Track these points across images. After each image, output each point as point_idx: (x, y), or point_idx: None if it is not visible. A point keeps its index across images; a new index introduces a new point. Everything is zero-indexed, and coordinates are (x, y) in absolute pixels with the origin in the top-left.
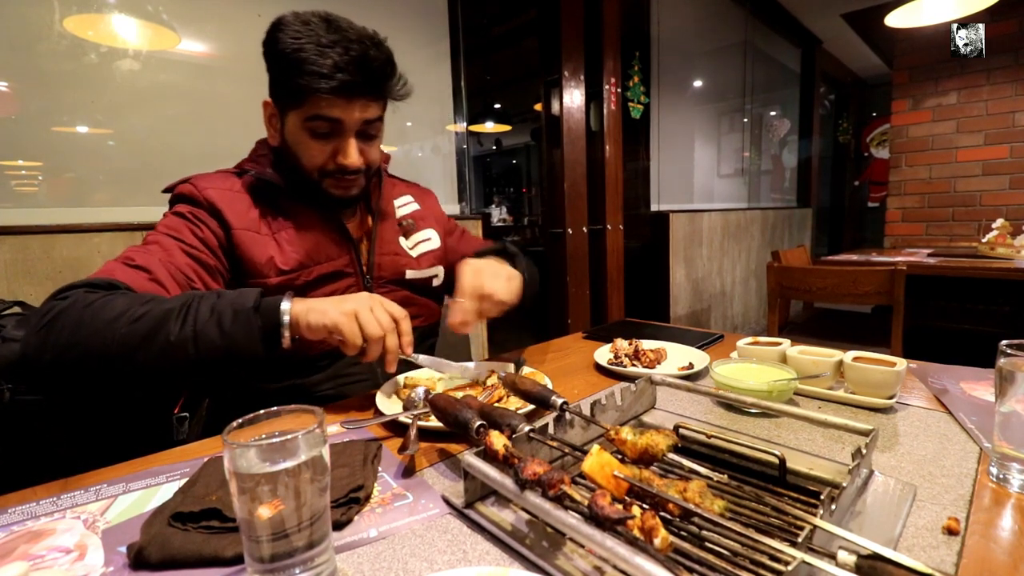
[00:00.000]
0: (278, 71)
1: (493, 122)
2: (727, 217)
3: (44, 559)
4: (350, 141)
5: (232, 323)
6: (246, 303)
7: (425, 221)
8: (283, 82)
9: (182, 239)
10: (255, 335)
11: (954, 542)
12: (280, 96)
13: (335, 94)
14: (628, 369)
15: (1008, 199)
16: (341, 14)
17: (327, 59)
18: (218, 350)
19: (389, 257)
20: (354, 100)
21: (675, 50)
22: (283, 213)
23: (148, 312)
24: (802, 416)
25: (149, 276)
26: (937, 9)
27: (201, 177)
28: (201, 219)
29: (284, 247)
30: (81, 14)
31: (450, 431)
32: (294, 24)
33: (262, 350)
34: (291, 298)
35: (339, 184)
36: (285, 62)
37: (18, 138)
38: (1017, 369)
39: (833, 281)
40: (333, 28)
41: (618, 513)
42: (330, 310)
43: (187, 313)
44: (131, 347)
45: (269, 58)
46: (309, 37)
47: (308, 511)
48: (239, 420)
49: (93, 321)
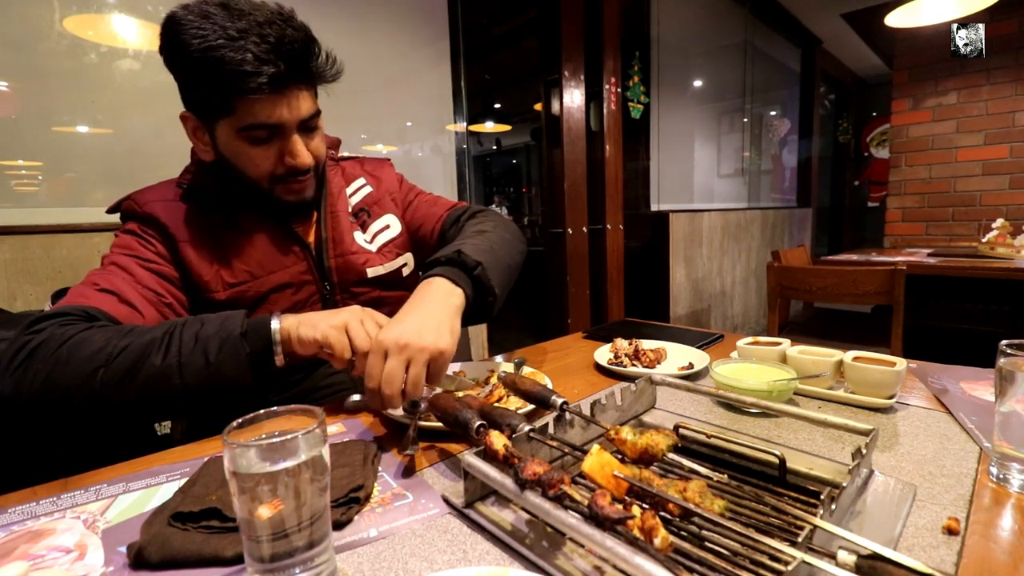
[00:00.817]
0: (191, 78)
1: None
2: (727, 217)
3: (44, 559)
4: (295, 139)
5: (219, 352)
6: (233, 329)
7: (381, 205)
8: (201, 90)
9: (138, 256)
10: (243, 363)
11: (954, 542)
12: (201, 106)
13: (268, 90)
14: (628, 369)
15: (1008, 199)
16: (340, 14)
17: (245, 53)
18: (205, 380)
19: (346, 258)
20: (286, 92)
21: (675, 50)
22: (228, 223)
23: (129, 345)
24: (802, 416)
25: (119, 298)
26: (937, 9)
27: (143, 191)
28: (149, 234)
29: (230, 259)
30: (81, 14)
31: (450, 431)
32: (192, 20)
33: (250, 377)
34: (279, 315)
35: (291, 189)
36: (197, 67)
37: (18, 138)
38: (1017, 369)
39: (833, 281)
40: (236, 14)
41: (618, 513)
42: (320, 323)
43: (170, 343)
44: (113, 384)
45: (174, 65)
46: (214, 31)
47: (308, 511)
48: (239, 420)
49: (70, 360)
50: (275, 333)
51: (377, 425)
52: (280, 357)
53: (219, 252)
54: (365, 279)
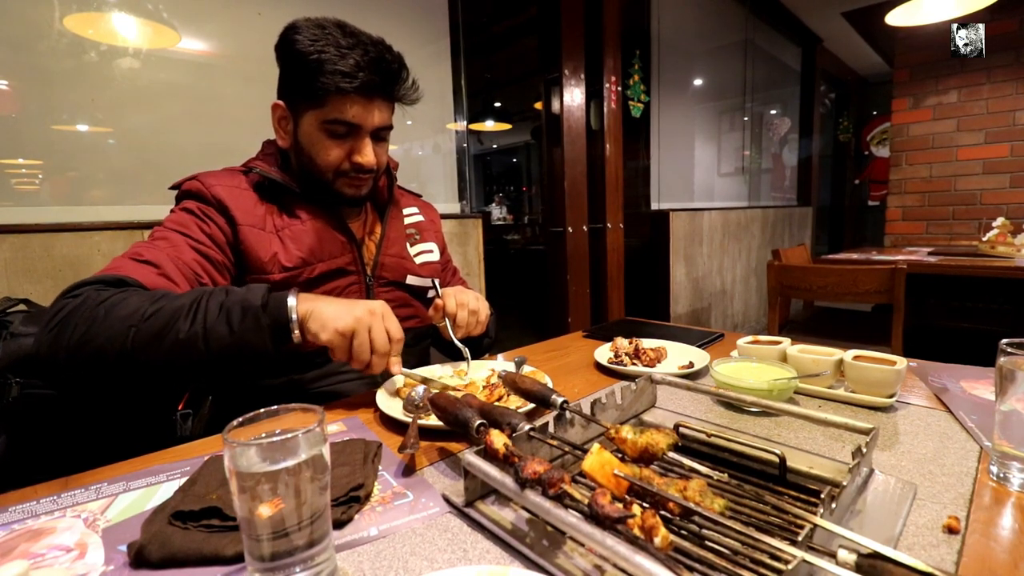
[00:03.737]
0: (295, 72)
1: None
2: (727, 216)
3: (44, 558)
4: (366, 141)
5: (241, 321)
6: (254, 301)
7: (428, 234)
8: (301, 83)
9: (189, 235)
10: (264, 333)
11: (954, 541)
12: (296, 97)
13: (358, 93)
14: (628, 368)
15: (1008, 198)
16: (343, 12)
17: (349, 60)
18: (228, 348)
19: (395, 259)
20: (373, 101)
21: (675, 48)
22: (287, 211)
23: (160, 310)
24: (802, 415)
25: (158, 271)
26: (937, 8)
27: (208, 174)
28: (208, 215)
29: (288, 244)
30: (81, 12)
31: (450, 430)
32: (310, 28)
33: (271, 346)
34: (296, 295)
35: (352, 183)
36: (304, 63)
37: (18, 136)
38: (1017, 368)
39: (833, 280)
40: (348, 33)
41: (618, 512)
42: (328, 324)
43: (196, 311)
44: (143, 344)
45: (284, 60)
46: (327, 40)
47: (308, 510)
48: (239, 419)
49: (106, 319)
50: (291, 311)
51: (377, 424)
52: (297, 335)
53: (277, 237)
54: (403, 283)
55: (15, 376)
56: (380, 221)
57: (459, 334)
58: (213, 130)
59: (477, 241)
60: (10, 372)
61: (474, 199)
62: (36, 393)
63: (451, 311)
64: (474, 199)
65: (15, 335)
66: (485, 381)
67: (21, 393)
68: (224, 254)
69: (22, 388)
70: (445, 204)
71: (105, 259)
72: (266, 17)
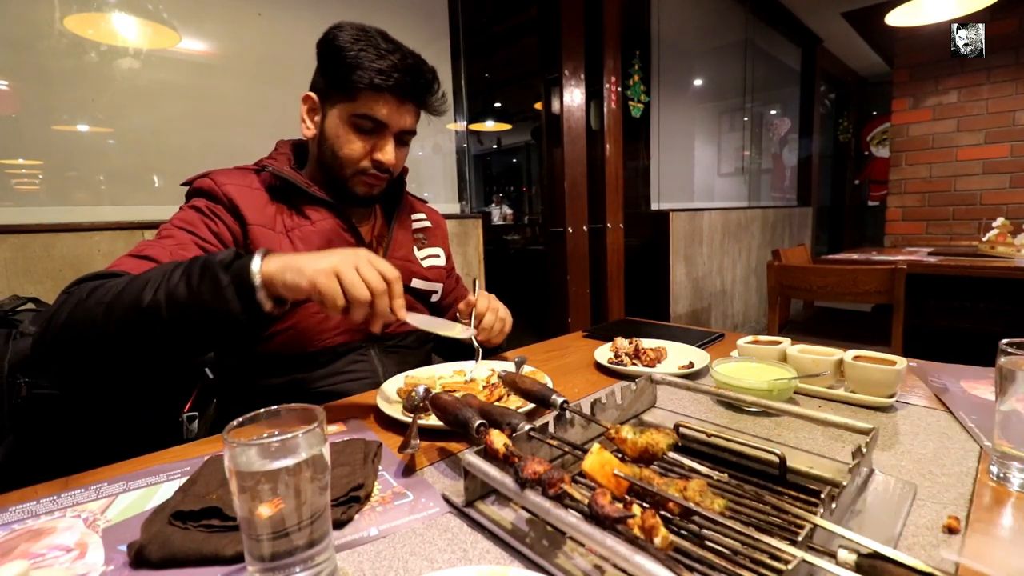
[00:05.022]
0: (333, 66)
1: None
2: (727, 216)
3: (44, 557)
4: (390, 141)
5: (200, 280)
6: (215, 260)
7: (435, 240)
8: (336, 76)
9: (196, 232)
10: (223, 292)
11: (954, 541)
12: (329, 90)
13: (391, 92)
14: (628, 368)
15: (1008, 198)
16: (344, 11)
17: (387, 60)
18: (189, 311)
19: (401, 261)
20: (404, 103)
21: (675, 49)
22: (297, 212)
23: (131, 282)
24: (802, 415)
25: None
26: (937, 8)
27: (220, 172)
28: (217, 214)
29: (297, 245)
30: (81, 13)
31: (450, 430)
32: (353, 28)
33: (236, 308)
34: (263, 255)
35: (367, 182)
36: (343, 58)
37: (18, 137)
38: (1017, 368)
39: (833, 280)
40: (388, 39)
41: (618, 512)
42: (306, 267)
43: (161, 280)
44: (116, 319)
45: (324, 54)
46: (368, 41)
47: (308, 510)
48: (239, 419)
49: (87, 300)
50: (253, 276)
51: (377, 424)
52: (266, 302)
53: (286, 238)
54: (408, 286)
55: (23, 376)
56: (387, 225)
57: (480, 337)
58: (213, 130)
59: (477, 241)
60: (19, 371)
61: (474, 199)
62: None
63: (481, 310)
64: (474, 199)
65: (24, 334)
66: (485, 381)
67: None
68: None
69: (29, 388)
70: (445, 204)
71: (105, 259)
72: (266, 17)
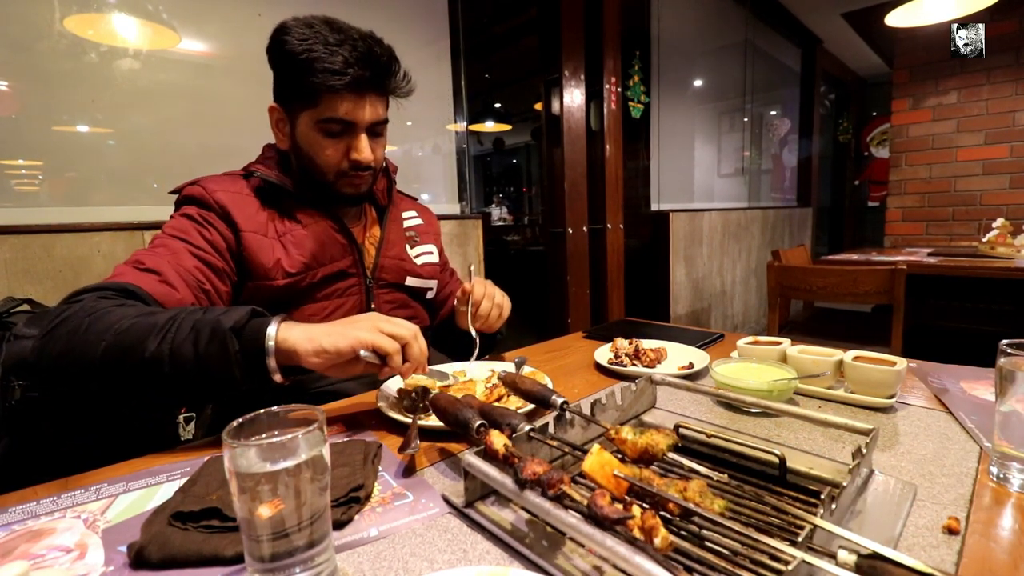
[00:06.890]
0: (287, 73)
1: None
2: (727, 216)
3: (44, 558)
4: (362, 137)
5: (208, 343)
6: (226, 323)
7: (427, 237)
8: (293, 84)
9: (190, 241)
10: (230, 358)
11: (954, 541)
12: (290, 99)
13: (348, 90)
14: (628, 368)
15: (1008, 198)
16: (342, 13)
17: (337, 56)
18: (191, 372)
19: (394, 261)
20: (365, 96)
21: (675, 49)
22: (289, 216)
23: (135, 324)
24: (802, 415)
25: (160, 279)
26: (937, 8)
27: (210, 179)
28: (210, 221)
29: (290, 249)
30: (81, 13)
31: (450, 430)
32: (298, 28)
33: (239, 375)
34: (281, 321)
35: (351, 182)
36: (294, 63)
37: (18, 137)
38: (1017, 368)
39: (833, 280)
40: (336, 29)
41: (618, 513)
42: (349, 331)
43: (169, 328)
44: (112, 360)
45: (276, 62)
46: (316, 38)
47: (308, 510)
48: (239, 420)
49: (87, 330)
50: (267, 339)
51: (377, 425)
52: (275, 371)
53: (279, 243)
54: (403, 285)
55: (17, 379)
56: (379, 224)
57: (476, 324)
58: (213, 131)
59: (477, 242)
60: (12, 374)
61: (474, 200)
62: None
63: (477, 297)
64: (474, 200)
65: (18, 336)
66: (485, 381)
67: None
68: (225, 260)
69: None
70: (445, 205)
71: (105, 260)
72: (266, 18)
